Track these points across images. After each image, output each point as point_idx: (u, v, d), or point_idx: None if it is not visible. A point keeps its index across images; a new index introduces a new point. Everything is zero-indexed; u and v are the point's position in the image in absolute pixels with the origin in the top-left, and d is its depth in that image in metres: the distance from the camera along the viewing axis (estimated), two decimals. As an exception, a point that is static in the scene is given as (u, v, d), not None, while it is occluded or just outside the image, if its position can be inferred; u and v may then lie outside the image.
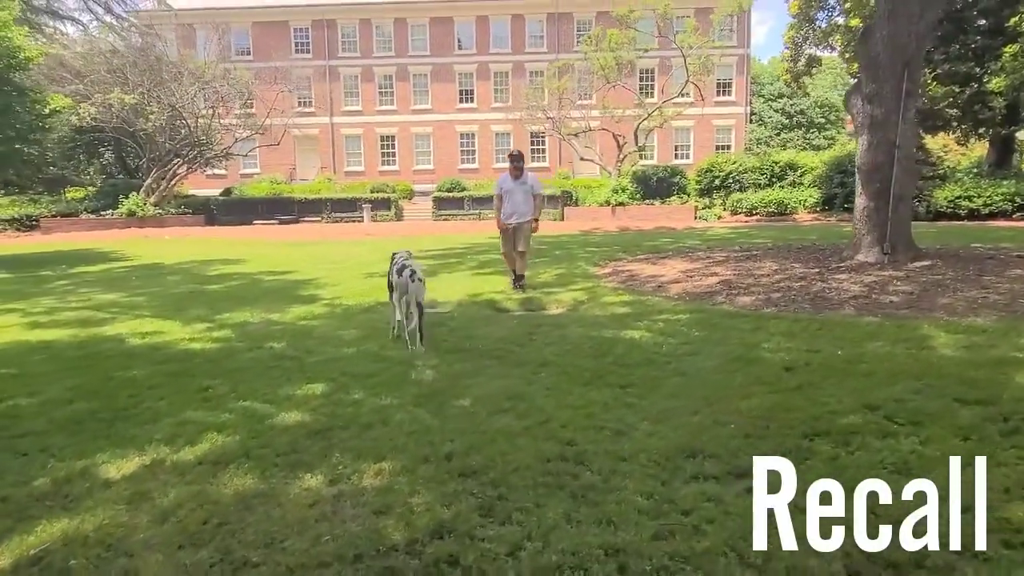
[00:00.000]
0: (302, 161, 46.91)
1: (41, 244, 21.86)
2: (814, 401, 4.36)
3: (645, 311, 7.57)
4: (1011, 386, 4.50)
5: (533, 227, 9.49)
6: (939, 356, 5.31)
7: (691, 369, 5.19)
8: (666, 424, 4.06)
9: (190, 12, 44.02)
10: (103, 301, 9.78)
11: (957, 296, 7.51)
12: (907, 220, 10.11)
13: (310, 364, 5.78)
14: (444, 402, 4.62)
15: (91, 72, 25.57)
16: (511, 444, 3.83)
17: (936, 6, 9.46)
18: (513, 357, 5.75)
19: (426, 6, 45.29)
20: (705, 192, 26.66)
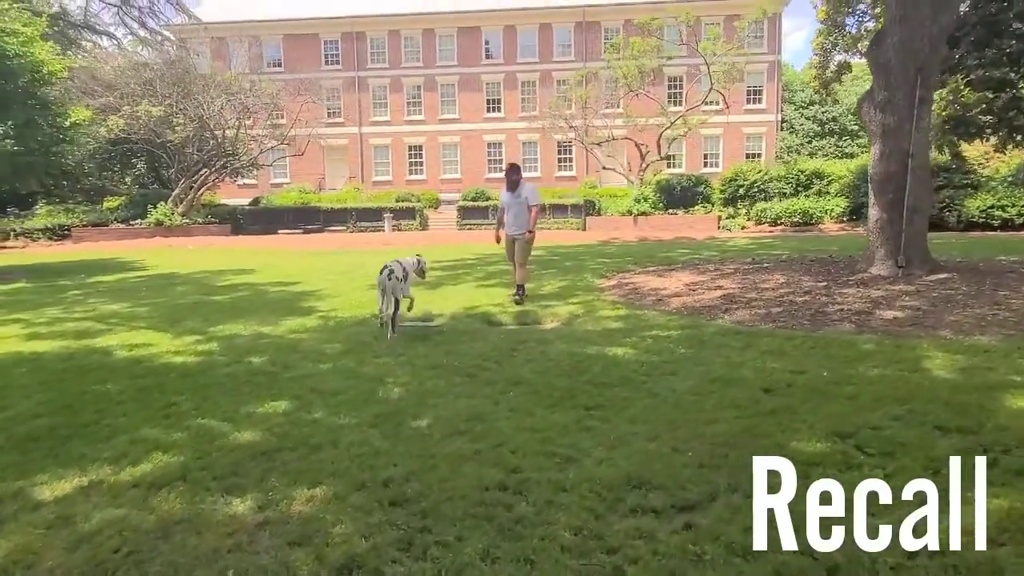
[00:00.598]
0: (331, 171, 47.46)
1: (69, 253, 22.34)
2: (784, 427, 4.13)
3: (637, 326, 7.37)
4: (999, 413, 4.22)
5: (527, 237, 9.35)
6: (931, 379, 5.03)
7: (665, 390, 4.98)
8: (621, 450, 3.88)
9: (223, 26, 44.98)
10: (106, 312, 9.87)
11: (966, 313, 7.17)
12: (922, 232, 9.72)
13: (283, 380, 5.70)
14: (402, 423, 4.49)
15: (122, 84, 26.14)
16: (454, 470, 3.68)
17: (950, 10, 9.10)
18: (487, 375, 5.60)
19: (454, 16, 45.56)
20: (729, 202, 26.23)
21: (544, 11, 44.95)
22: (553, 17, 45.10)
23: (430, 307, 9.22)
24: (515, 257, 9.61)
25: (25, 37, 15.24)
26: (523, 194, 9.49)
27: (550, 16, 45.11)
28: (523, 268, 9.63)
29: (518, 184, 9.59)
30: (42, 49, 15.07)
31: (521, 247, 9.52)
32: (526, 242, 9.44)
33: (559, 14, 44.86)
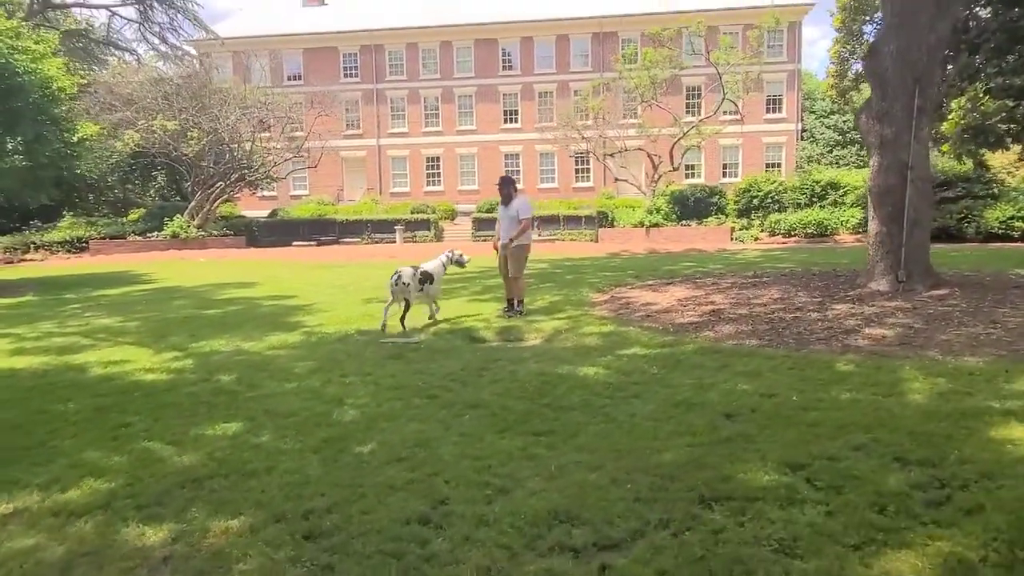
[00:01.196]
0: (349, 182, 47.73)
1: (84, 266, 22.65)
2: (735, 457, 3.94)
3: (616, 344, 7.19)
4: (966, 444, 3.99)
5: (513, 249, 9.24)
6: (904, 404, 4.80)
7: (623, 415, 4.81)
8: (558, 481, 3.72)
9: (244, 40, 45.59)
10: (98, 326, 9.92)
11: (960, 331, 6.89)
12: (924, 246, 9.42)
13: (242, 400, 5.62)
14: (345, 448, 4.37)
15: (139, 99, 26.55)
16: (380, 501, 3.55)
17: (948, 18, 8.83)
18: (448, 396, 5.46)
19: (471, 28, 45.67)
20: (744, 213, 25.87)
21: (561, 22, 44.86)
22: (570, 28, 44.99)
23: (417, 321, 9.14)
24: (508, 270, 9.51)
25: (36, 54, 15.51)
26: (515, 206, 9.38)
27: (567, 27, 45.01)
28: (515, 282, 9.50)
29: (511, 197, 9.49)
30: (51, 65, 15.30)
31: (511, 260, 9.40)
32: (515, 255, 9.31)
33: (576, 25, 44.75)
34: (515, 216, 9.32)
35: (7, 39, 14.36)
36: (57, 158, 15.37)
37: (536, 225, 34.20)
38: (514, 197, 9.45)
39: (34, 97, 15.08)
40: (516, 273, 9.39)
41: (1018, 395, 4.87)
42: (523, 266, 9.48)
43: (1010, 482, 3.46)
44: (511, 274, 9.43)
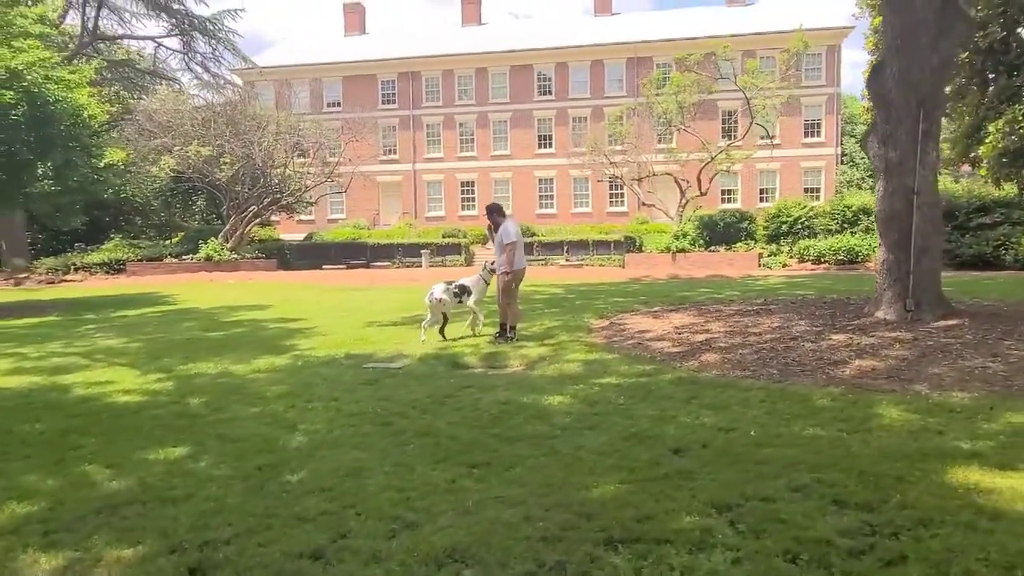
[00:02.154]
0: (385, 206, 48.35)
1: (117, 287, 23.28)
2: (664, 496, 3.75)
3: (594, 373, 7.01)
4: (915, 487, 3.73)
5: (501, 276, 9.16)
6: (866, 442, 4.53)
7: (569, 448, 4.65)
8: (472, 516, 3.58)
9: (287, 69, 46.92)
10: (101, 347, 10.12)
11: (955, 365, 6.54)
12: (933, 274, 9.02)
13: (201, 424, 5.62)
14: (275, 476, 4.31)
15: (176, 126, 27.41)
16: (283, 533, 3.47)
17: (952, 39, 8.52)
18: (401, 424, 5.37)
19: (507, 55, 46.11)
20: (773, 238, 25.33)
21: (596, 48, 45.02)
22: (605, 54, 45.09)
23: (407, 346, 9.10)
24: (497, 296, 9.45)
25: (70, 83, 16.12)
26: (499, 233, 9.32)
27: (602, 53, 45.11)
28: (507, 308, 9.40)
29: (498, 224, 9.42)
30: (82, 94, 15.89)
31: (501, 287, 9.31)
32: (503, 280, 9.22)
33: (611, 50, 44.83)
34: (499, 242, 9.25)
35: (40, 70, 14.96)
36: (86, 183, 15.88)
37: (565, 250, 34.17)
38: (501, 224, 9.38)
39: (65, 125, 15.64)
40: (505, 299, 9.30)
41: (992, 435, 4.57)
42: (513, 292, 9.37)
43: (945, 531, 3.21)
44: (500, 300, 9.35)
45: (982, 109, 22.60)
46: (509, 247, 9.15)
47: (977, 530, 3.21)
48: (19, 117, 14.37)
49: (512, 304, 9.43)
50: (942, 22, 8.29)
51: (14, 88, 14.20)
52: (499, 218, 9.52)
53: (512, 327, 9.39)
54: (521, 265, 9.57)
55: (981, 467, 3.99)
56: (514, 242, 9.27)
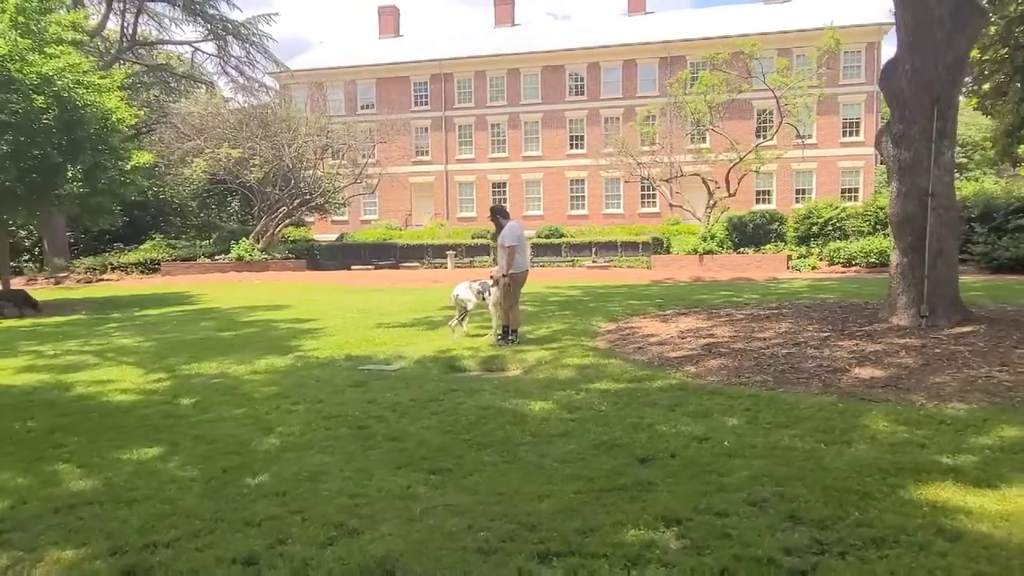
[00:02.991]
0: (418, 207, 48.64)
1: (149, 287, 23.83)
2: (615, 508, 3.66)
3: (587, 378, 6.91)
4: (879, 504, 3.57)
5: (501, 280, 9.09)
6: (842, 454, 4.36)
7: (534, 455, 4.57)
8: (415, 524, 3.54)
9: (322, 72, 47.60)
10: (115, 346, 10.34)
11: (960, 373, 6.28)
12: (949, 279, 8.69)
13: (183, 424, 5.69)
14: (237, 479, 4.32)
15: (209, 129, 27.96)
16: (224, 537, 3.47)
17: (967, 34, 8.19)
18: (376, 428, 5.36)
19: (539, 56, 45.98)
20: (803, 240, 24.76)
21: (628, 47, 44.61)
22: (637, 53, 44.66)
23: (410, 348, 9.11)
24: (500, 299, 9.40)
25: (100, 87, 16.53)
26: (501, 235, 9.27)
27: (634, 52, 44.69)
28: (509, 310, 9.34)
29: (501, 227, 9.39)
30: (110, 98, 16.27)
31: (501, 290, 9.26)
32: (504, 284, 9.15)
33: (643, 50, 44.39)
34: (501, 244, 9.21)
35: (71, 75, 15.36)
36: (114, 185, 16.26)
37: (593, 251, 33.95)
38: (504, 226, 9.33)
39: (95, 128, 16.03)
40: (507, 302, 9.24)
41: (977, 450, 4.36)
42: (515, 294, 9.30)
43: (897, 552, 3.06)
44: (501, 302, 9.29)
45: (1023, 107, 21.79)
46: (510, 249, 9.08)
47: (930, 552, 3.05)
48: (50, 121, 14.78)
49: (514, 307, 9.37)
50: (956, 17, 7.98)
51: (45, 93, 14.60)
52: (502, 220, 9.49)
53: (514, 330, 9.32)
54: (523, 267, 9.50)
55: (955, 483, 3.80)
56: (515, 244, 9.21)
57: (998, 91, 22.56)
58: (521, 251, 9.43)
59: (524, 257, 9.53)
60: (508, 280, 9.06)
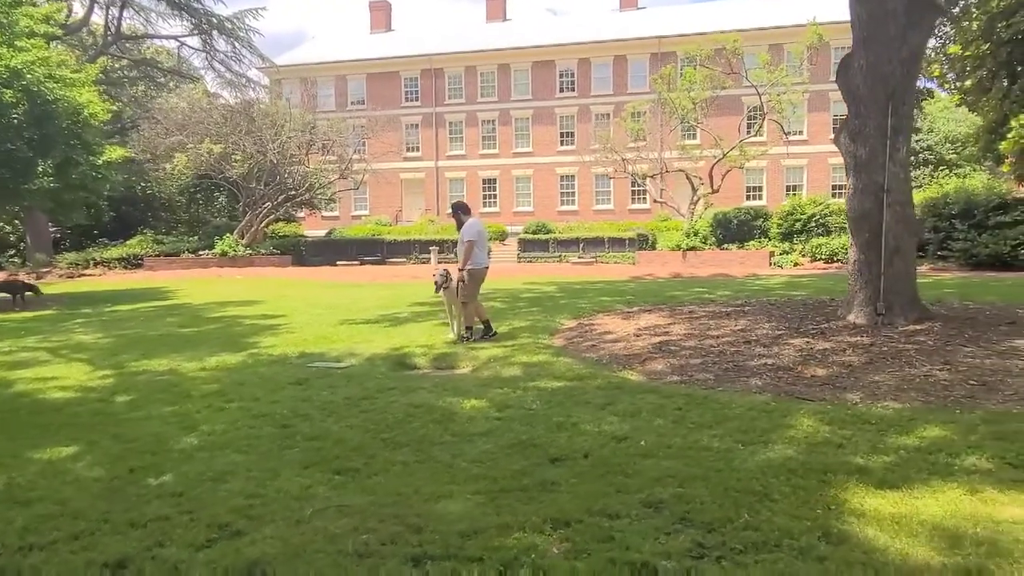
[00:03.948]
0: (408, 203, 48.48)
1: (129, 282, 23.73)
2: (509, 509, 3.59)
3: (532, 376, 6.84)
4: (776, 505, 3.51)
5: (460, 276, 9.02)
6: (754, 454, 4.30)
7: (448, 455, 4.51)
8: (300, 527, 3.47)
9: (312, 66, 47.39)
10: (72, 342, 10.26)
11: (901, 372, 6.22)
12: (907, 276, 8.62)
13: (109, 422, 5.63)
14: (142, 479, 4.25)
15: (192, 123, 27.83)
16: (103, 540, 3.40)
17: (922, 29, 8.12)
18: (300, 427, 5.28)
19: (529, 51, 45.80)
20: (786, 236, 24.71)
21: (619, 43, 44.48)
22: (628, 49, 44.53)
23: (366, 345, 9.04)
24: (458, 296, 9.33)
25: (74, 81, 16.42)
26: (463, 231, 9.21)
27: (625, 48, 44.58)
28: (464, 307, 9.27)
29: (462, 223, 9.33)
30: (83, 93, 16.15)
31: (460, 285, 9.19)
32: (462, 279, 9.09)
33: (634, 46, 44.26)
34: (461, 239, 9.15)
35: (41, 68, 15.24)
36: (86, 180, 16.17)
37: (581, 247, 33.91)
38: (465, 222, 9.27)
39: (67, 122, 15.92)
40: (464, 298, 9.17)
41: (893, 450, 4.30)
42: (472, 291, 9.23)
43: (775, 556, 3.00)
44: (459, 299, 9.22)
45: (1007, 103, 21.71)
46: (469, 243, 9.04)
47: (809, 557, 2.99)
48: (19, 116, 14.67)
49: (471, 304, 9.30)
50: (911, 12, 7.90)
51: (14, 87, 14.49)
52: (464, 216, 9.43)
53: (469, 327, 9.25)
54: (483, 264, 9.44)
55: (859, 485, 3.74)
56: (472, 240, 9.14)
57: (981, 87, 22.47)
58: (480, 247, 9.37)
59: (483, 254, 9.47)
60: (466, 275, 8.99)
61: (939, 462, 4.07)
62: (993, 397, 5.45)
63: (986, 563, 2.89)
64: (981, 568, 2.85)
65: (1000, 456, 4.12)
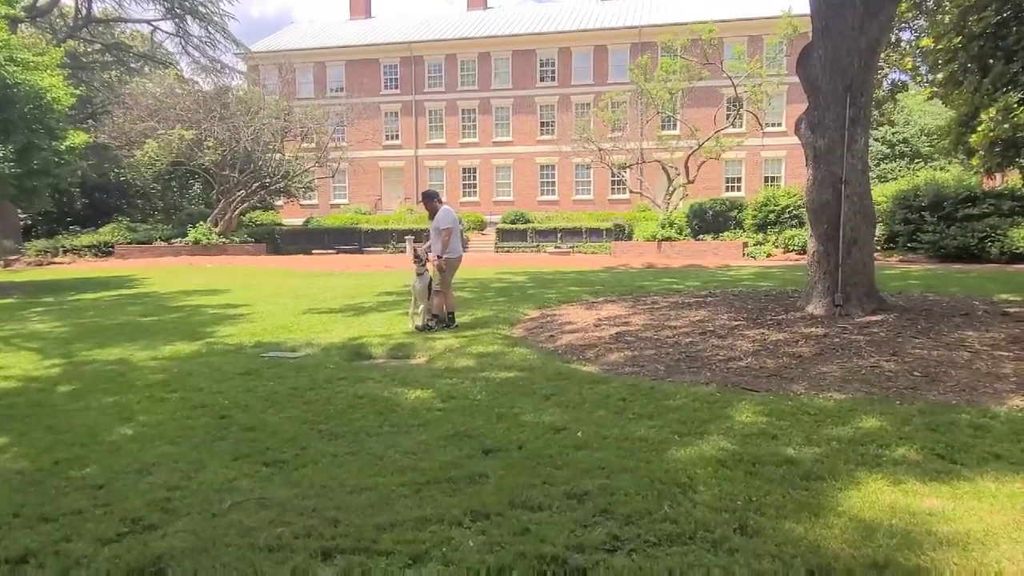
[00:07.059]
0: (388, 192, 48.18)
1: (97, 270, 23.38)
2: (431, 501, 3.56)
3: (484, 366, 6.80)
4: (698, 497, 3.49)
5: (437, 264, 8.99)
6: (685, 444, 4.28)
7: (382, 446, 4.46)
8: (216, 520, 3.41)
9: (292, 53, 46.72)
10: (27, 332, 10.07)
11: (848, 363, 6.24)
12: (864, 267, 8.66)
13: (45, 413, 5.52)
14: (65, 472, 4.16)
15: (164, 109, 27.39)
16: (11, 535, 3.33)
17: (881, 20, 8.11)
18: (238, 418, 5.20)
19: (509, 39, 45.59)
20: (760, 227, 24.82)
21: (599, 32, 44.40)
22: (609, 39, 44.46)
23: (325, 334, 8.94)
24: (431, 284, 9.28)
25: (35, 64, 16.07)
26: (436, 219, 9.16)
27: (605, 37, 44.50)
28: (436, 295, 9.22)
29: (435, 210, 9.27)
30: (44, 77, 15.81)
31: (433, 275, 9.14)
32: (436, 268, 9.05)
33: (615, 35, 44.20)
34: (435, 228, 9.09)
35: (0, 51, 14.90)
36: (49, 165, 15.85)
37: (559, 237, 33.86)
38: (438, 210, 9.21)
39: (29, 107, 15.59)
40: (437, 286, 9.12)
41: (825, 441, 4.30)
42: (446, 279, 9.19)
43: (686, 549, 2.99)
44: (432, 286, 9.16)
45: (978, 97, 21.89)
46: (447, 232, 9.00)
47: (720, 549, 2.97)
48: (-23, 100, 14.36)
49: (441, 292, 9.25)
50: (869, 3, 7.90)
51: (-30, 70, 14.17)
52: (437, 204, 9.36)
53: (435, 315, 9.20)
54: (458, 252, 9.41)
55: (785, 476, 3.74)
56: (450, 228, 9.11)
57: (952, 80, 22.63)
58: (456, 235, 9.33)
59: (458, 242, 9.43)
60: (445, 264, 8.96)
61: (868, 453, 4.08)
62: (935, 388, 5.49)
63: (894, 555, 2.89)
64: (888, 560, 2.85)
65: (930, 447, 4.14)
